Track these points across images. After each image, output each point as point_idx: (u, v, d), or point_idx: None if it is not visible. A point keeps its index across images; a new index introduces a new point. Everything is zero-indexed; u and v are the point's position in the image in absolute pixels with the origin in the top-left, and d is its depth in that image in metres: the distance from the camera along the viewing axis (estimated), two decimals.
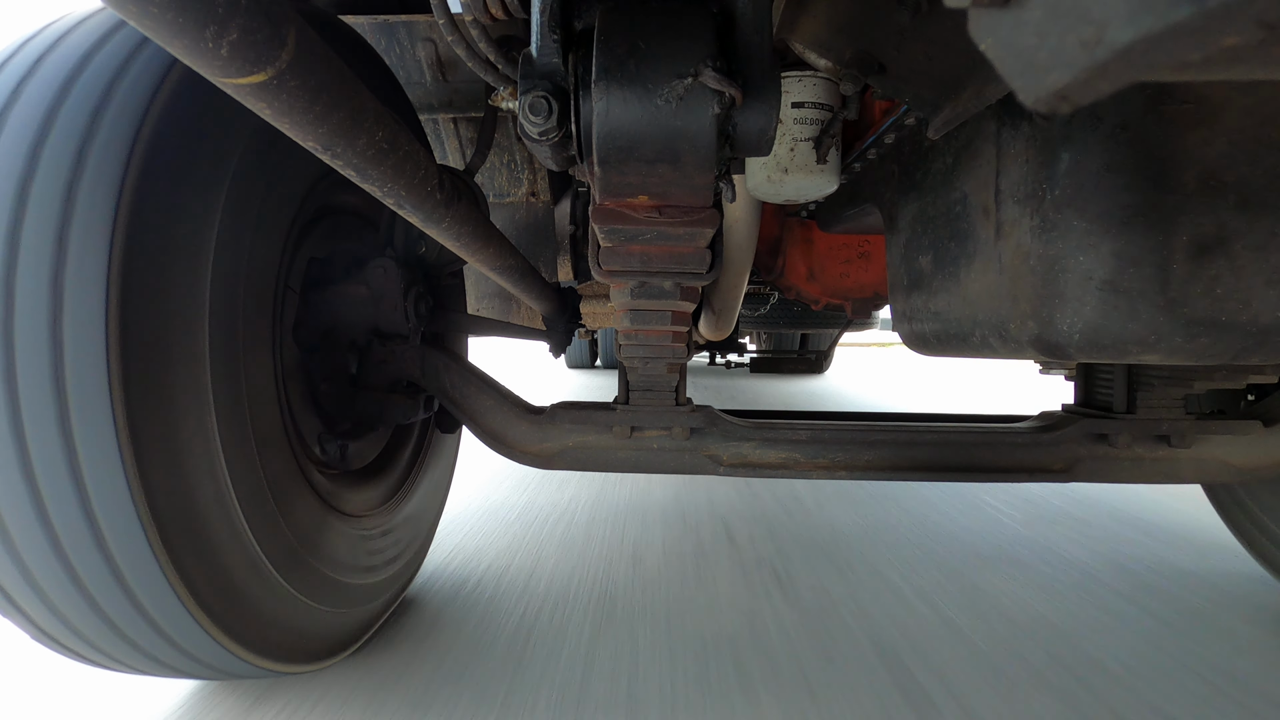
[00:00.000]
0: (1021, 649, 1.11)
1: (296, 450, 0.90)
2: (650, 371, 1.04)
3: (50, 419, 0.62)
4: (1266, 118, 0.53)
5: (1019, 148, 0.62)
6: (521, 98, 0.51)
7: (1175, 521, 1.86)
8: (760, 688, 0.99)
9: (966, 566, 1.48)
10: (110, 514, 0.65)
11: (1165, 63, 0.22)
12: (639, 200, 0.55)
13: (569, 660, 1.06)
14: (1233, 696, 0.99)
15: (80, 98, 0.66)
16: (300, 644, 0.90)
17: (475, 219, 0.77)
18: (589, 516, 1.84)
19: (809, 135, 0.83)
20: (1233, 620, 1.24)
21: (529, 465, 1.12)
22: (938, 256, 0.77)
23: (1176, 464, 1.10)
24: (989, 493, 2.12)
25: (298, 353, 1.00)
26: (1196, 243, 0.54)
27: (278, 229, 0.85)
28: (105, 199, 0.63)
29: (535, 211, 1.75)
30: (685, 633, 1.15)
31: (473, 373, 1.14)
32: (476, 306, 1.99)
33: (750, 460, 1.09)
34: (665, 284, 0.69)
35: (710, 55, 0.47)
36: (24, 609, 0.70)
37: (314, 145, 0.47)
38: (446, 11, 0.60)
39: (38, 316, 0.61)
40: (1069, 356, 0.61)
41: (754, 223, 1.13)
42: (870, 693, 0.98)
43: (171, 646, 0.74)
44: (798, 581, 1.38)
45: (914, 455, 1.09)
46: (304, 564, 0.87)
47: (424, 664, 1.05)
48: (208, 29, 0.35)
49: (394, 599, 1.18)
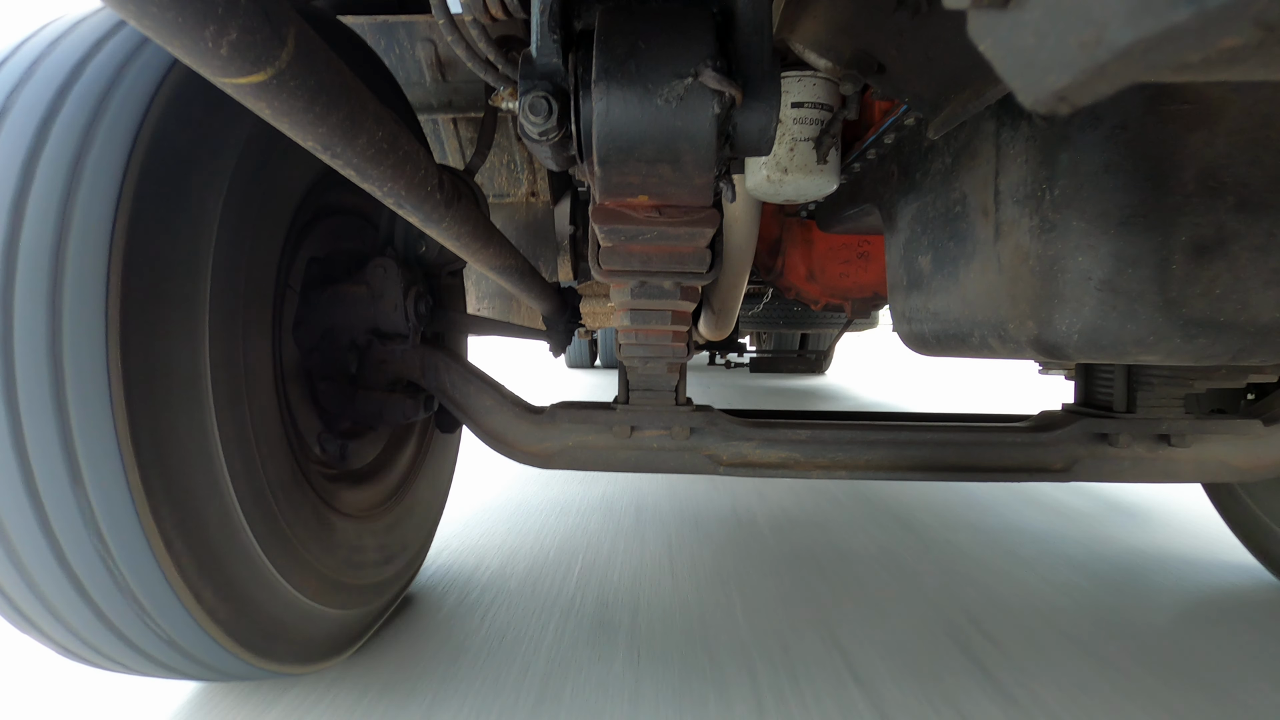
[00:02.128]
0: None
1: (296, 450, 0.90)
2: (650, 371, 1.04)
3: (49, 419, 0.62)
4: (1266, 118, 0.53)
5: (1018, 148, 0.62)
6: (521, 98, 0.51)
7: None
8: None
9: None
10: (109, 514, 0.65)
11: (1165, 64, 0.22)
12: (639, 200, 0.55)
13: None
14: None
15: (80, 98, 0.66)
16: (300, 644, 0.89)
17: (475, 219, 0.77)
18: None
19: (809, 135, 0.83)
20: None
21: (529, 465, 1.12)
22: (937, 257, 0.77)
23: (1176, 463, 1.10)
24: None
25: (297, 352, 1.00)
26: (1195, 243, 0.54)
27: (277, 229, 0.85)
28: (105, 198, 0.63)
29: (535, 211, 1.75)
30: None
31: (472, 372, 1.14)
32: (476, 306, 1.99)
33: (750, 460, 1.09)
34: (665, 284, 0.69)
35: (710, 55, 0.47)
36: (23, 609, 0.70)
37: (313, 145, 0.48)
38: (446, 11, 0.60)
39: (37, 317, 0.61)
40: (1068, 357, 0.61)
41: (754, 223, 1.13)
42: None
43: (170, 647, 0.74)
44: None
45: (914, 455, 1.09)
46: (304, 564, 0.87)
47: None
48: (207, 29, 0.35)
49: (394, 599, 1.17)
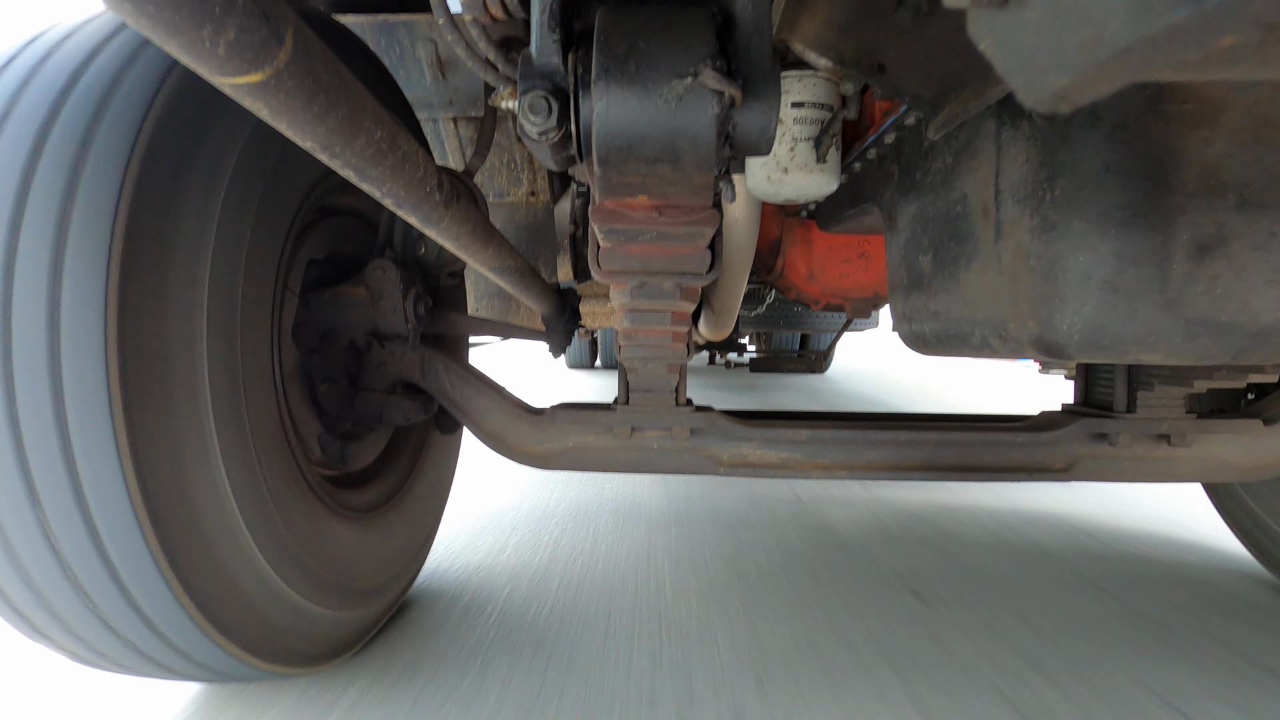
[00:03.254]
0: None
1: (295, 451, 0.90)
2: (650, 372, 1.04)
3: (48, 420, 0.62)
4: (1266, 118, 0.53)
5: (1019, 147, 0.62)
6: (521, 98, 0.51)
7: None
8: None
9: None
10: (108, 515, 0.65)
11: (1164, 63, 0.22)
12: (639, 200, 0.55)
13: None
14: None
15: (80, 99, 0.66)
16: (300, 646, 0.89)
17: (475, 219, 0.77)
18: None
19: (809, 135, 0.83)
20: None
21: (529, 466, 1.12)
22: (937, 256, 0.77)
23: (1176, 463, 1.10)
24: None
25: (297, 354, 1.00)
26: (1196, 242, 0.54)
27: (277, 230, 0.85)
28: (104, 200, 0.63)
29: (535, 211, 1.75)
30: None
31: (472, 374, 1.14)
32: (476, 307, 1.99)
33: (750, 460, 1.09)
34: (665, 284, 0.69)
35: (710, 55, 0.47)
36: (22, 610, 0.70)
37: (312, 145, 0.47)
38: (446, 11, 0.60)
39: (36, 318, 0.61)
40: (1069, 356, 0.61)
41: (754, 223, 1.13)
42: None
43: (169, 648, 0.74)
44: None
45: (914, 455, 1.08)
46: (303, 565, 0.87)
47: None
48: (204, 28, 0.34)
49: (394, 601, 1.17)
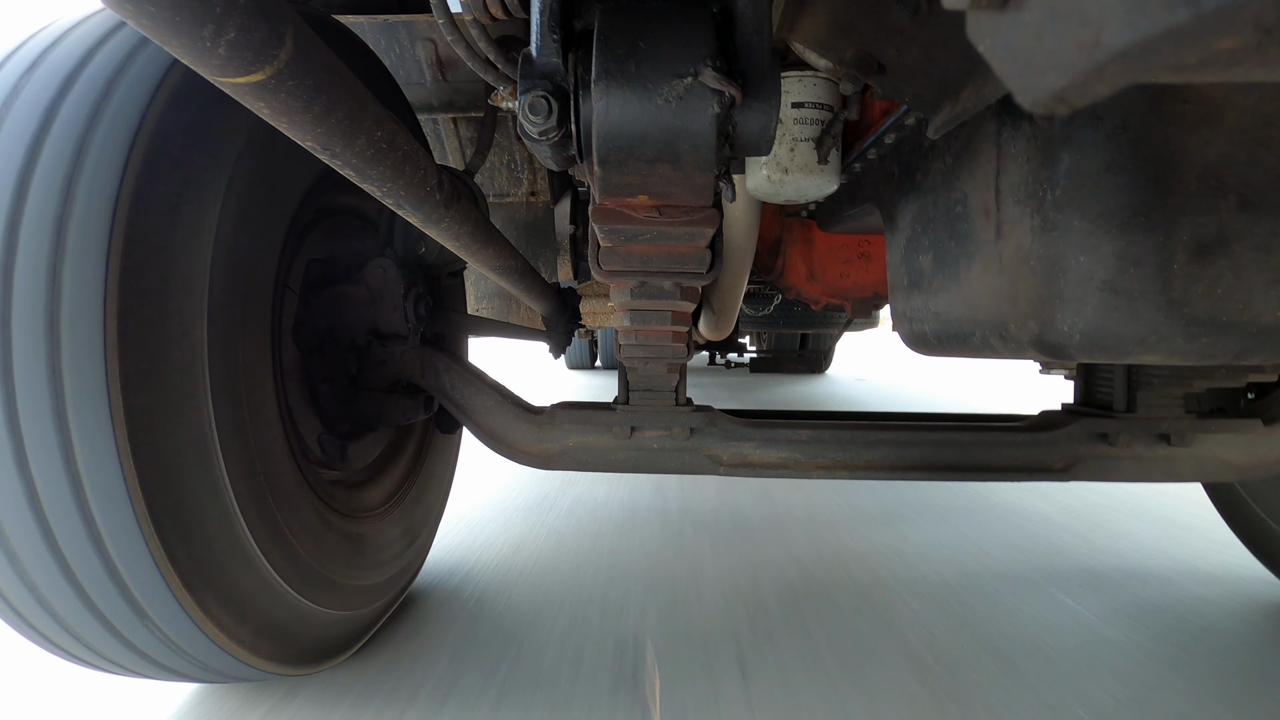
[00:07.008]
0: None
1: (296, 451, 0.90)
2: (650, 371, 1.04)
3: (47, 419, 0.62)
4: (1267, 118, 0.53)
5: (1019, 148, 0.61)
6: (521, 97, 0.51)
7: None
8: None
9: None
10: (107, 514, 0.65)
11: (1162, 65, 0.22)
12: (639, 200, 0.55)
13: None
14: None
15: (79, 97, 0.66)
16: (299, 645, 0.90)
17: (475, 219, 0.77)
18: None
19: (809, 135, 0.83)
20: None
21: (529, 465, 1.12)
22: (938, 256, 0.77)
23: (1176, 462, 1.10)
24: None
25: (297, 353, 1.00)
26: (1197, 243, 0.54)
27: (277, 229, 0.85)
28: (104, 199, 0.63)
29: (535, 211, 1.75)
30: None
31: (472, 373, 1.14)
32: (476, 306, 1.99)
33: (750, 460, 1.09)
34: (665, 284, 0.69)
35: (710, 55, 0.47)
36: (23, 613, 0.70)
37: (312, 145, 0.47)
38: (446, 11, 0.60)
39: (35, 316, 0.61)
40: (1069, 357, 0.61)
41: (754, 223, 1.13)
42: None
43: (169, 648, 0.74)
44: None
45: (914, 455, 1.08)
46: (303, 565, 0.87)
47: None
48: (205, 28, 0.35)
49: (394, 600, 1.17)
